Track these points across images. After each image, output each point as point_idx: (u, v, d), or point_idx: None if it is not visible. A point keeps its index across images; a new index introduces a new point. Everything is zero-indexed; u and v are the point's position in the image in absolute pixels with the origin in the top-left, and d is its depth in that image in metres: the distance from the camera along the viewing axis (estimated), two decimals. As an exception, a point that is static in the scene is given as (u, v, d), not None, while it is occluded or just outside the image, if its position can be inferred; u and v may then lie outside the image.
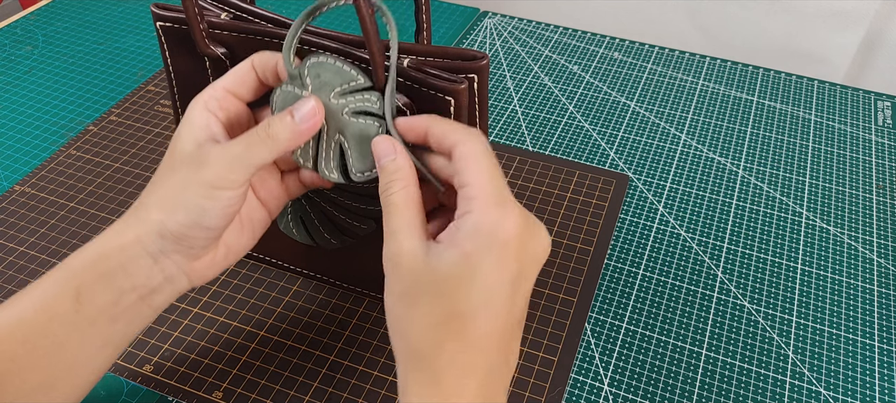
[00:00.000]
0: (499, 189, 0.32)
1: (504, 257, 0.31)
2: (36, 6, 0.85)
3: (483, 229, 0.31)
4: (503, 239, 0.31)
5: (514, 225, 0.31)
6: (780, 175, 0.62)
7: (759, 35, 1.11)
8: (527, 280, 0.33)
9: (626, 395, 0.45)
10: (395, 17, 0.36)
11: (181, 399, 0.45)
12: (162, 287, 0.35)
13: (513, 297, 0.32)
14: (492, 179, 0.32)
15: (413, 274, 0.32)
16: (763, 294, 0.51)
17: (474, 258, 0.31)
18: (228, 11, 0.40)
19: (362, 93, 0.35)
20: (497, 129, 0.66)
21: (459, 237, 0.31)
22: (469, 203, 0.31)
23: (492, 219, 0.31)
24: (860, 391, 0.46)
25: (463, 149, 0.32)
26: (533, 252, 0.32)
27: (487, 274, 0.31)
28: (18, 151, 0.64)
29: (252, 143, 0.34)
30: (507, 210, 0.31)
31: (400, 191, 0.33)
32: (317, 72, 0.36)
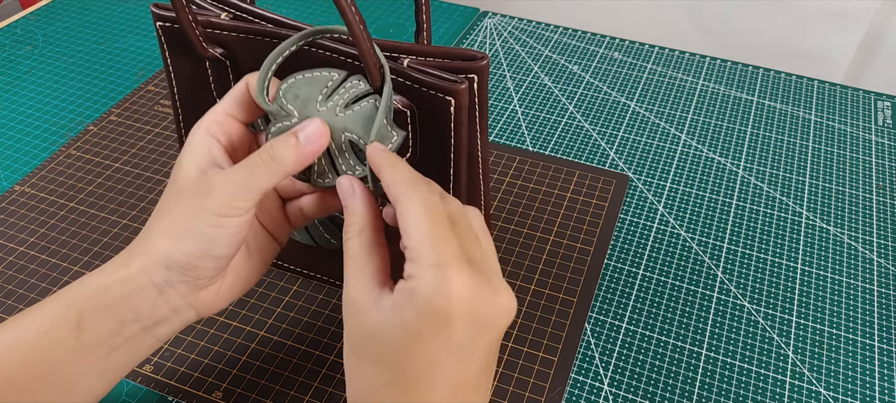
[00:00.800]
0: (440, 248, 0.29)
1: (446, 326, 0.29)
2: (36, 6, 0.85)
3: (422, 296, 0.29)
4: (442, 307, 0.29)
5: (458, 290, 0.29)
6: (780, 175, 0.62)
7: (759, 35, 1.11)
8: (479, 346, 0.30)
9: (626, 395, 0.45)
10: (395, 17, 0.36)
11: (181, 399, 0.45)
12: (167, 318, 0.35)
13: (463, 364, 0.30)
14: (431, 238, 0.29)
15: (360, 329, 0.31)
16: (763, 294, 0.52)
17: (414, 325, 0.29)
18: (228, 11, 0.40)
19: (343, 84, 0.35)
20: (497, 129, 0.66)
21: (401, 301, 0.29)
22: (410, 265, 0.30)
23: (430, 286, 0.29)
24: (860, 391, 0.46)
25: (402, 204, 0.31)
26: (486, 315, 0.30)
27: (427, 342, 0.29)
28: (18, 151, 0.64)
29: (255, 168, 0.33)
30: (448, 273, 0.29)
31: (353, 237, 0.32)
32: (293, 93, 0.35)
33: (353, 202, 0.33)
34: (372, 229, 0.33)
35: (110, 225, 0.56)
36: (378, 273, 0.31)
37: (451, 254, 0.29)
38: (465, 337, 0.30)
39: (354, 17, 0.32)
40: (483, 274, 0.30)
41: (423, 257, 0.29)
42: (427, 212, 0.30)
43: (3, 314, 0.49)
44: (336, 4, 0.31)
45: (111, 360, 0.34)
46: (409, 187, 0.31)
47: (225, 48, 0.40)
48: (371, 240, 0.32)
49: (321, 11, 0.84)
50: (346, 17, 0.32)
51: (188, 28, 0.38)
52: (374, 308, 0.30)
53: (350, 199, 0.33)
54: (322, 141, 0.34)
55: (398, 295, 0.30)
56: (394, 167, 0.32)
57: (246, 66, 0.41)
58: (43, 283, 0.51)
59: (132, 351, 0.35)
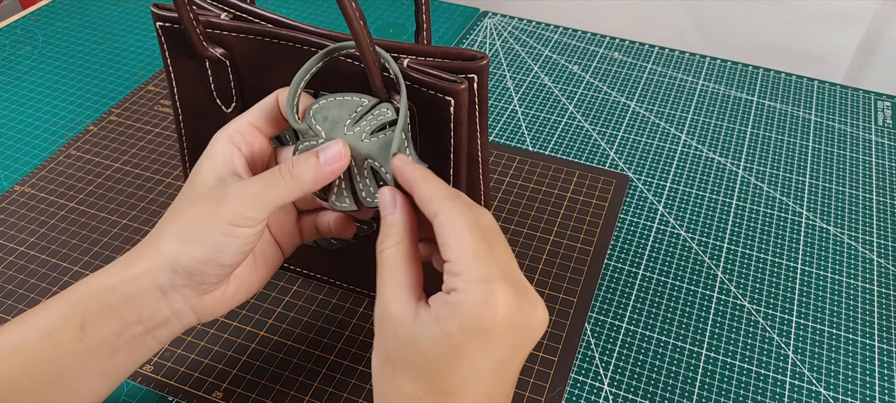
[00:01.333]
0: (484, 263, 0.30)
1: (490, 340, 0.29)
2: (36, 6, 0.85)
3: (467, 310, 0.29)
4: (488, 322, 0.29)
5: (503, 305, 0.29)
6: (780, 175, 0.62)
7: (759, 35, 1.11)
8: (516, 359, 0.31)
9: (626, 395, 0.45)
10: (395, 17, 0.36)
11: (181, 399, 0.45)
12: (168, 321, 0.35)
13: (500, 376, 0.30)
14: (476, 255, 0.30)
15: (396, 341, 0.31)
16: (763, 294, 0.51)
17: (457, 338, 0.29)
18: (228, 11, 0.40)
19: (371, 111, 0.35)
20: (497, 129, 0.66)
21: (444, 313, 0.30)
22: (453, 279, 0.30)
23: (476, 300, 0.29)
24: (860, 391, 0.46)
25: (443, 219, 0.31)
26: (525, 332, 0.31)
27: (471, 356, 0.29)
28: (18, 151, 0.64)
29: (274, 182, 0.33)
30: (494, 288, 0.29)
31: (391, 248, 0.32)
32: (323, 115, 0.35)
33: (394, 214, 0.33)
34: (410, 242, 0.33)
35: (110, 226, 0.56)
36: (414, 286, 0.32)
37: (496, 270, 0.30)
38: (507, 351, 0.30)
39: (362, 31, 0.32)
40: (523, 289, 0.31)
41: (470, 272, 0.29)
42: (470, 228, 0.30)
43: (3, 314, 0.49)
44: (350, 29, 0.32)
45: (114, 361, 0.34)
46: (451, 202, 0.31)
47: (225, 48, 0.40)
48: (408, 253, 0.32)
49: (321, 11, 0.84)
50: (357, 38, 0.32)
51: (189, 26, 0.38)
52: (412, 320, 0.30)
53: (389, 209, 0.33)
54: (341, 163, 0.34)
55: (441, 308, 0.30)
56: (429, 182, 0.32)
57: (246, 66, 0.41)
58: (43, 283, 0.51)
59: (134, 353, 0.35)
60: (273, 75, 0.40)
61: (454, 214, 0.31)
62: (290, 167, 0.34)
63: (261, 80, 0.41)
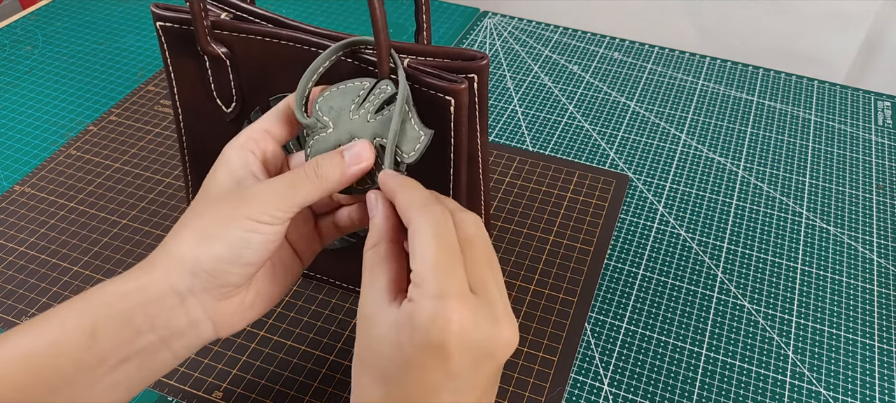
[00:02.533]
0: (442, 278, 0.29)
1: (441, 356, 0.29)
2: (36, 6, 0.85)
3: (418, 324, 0.29)
4: (438, 339, 0.28)
5: (455, 323, 0.28)
6: (780, 175, 0.62)
7: (759, 36, 1.11)
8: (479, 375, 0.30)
9: (626, 395, 0.45)
10: (395, 17, 0.36)
11: (181, 399, 0.45)
12: (185, 331, 0.34)
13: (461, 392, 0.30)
14: (435, 267, 0.29)
15: (367, 340, 0.31)
16: (763, 294, 0.51)
17: (407, 350, 0.29)
18: (228, 11, 0.40)
19: (373, 92, 0.35)
20: (497, 129, 0.66)
21: (400, 322, 0.29)
22: (413, 290, 0.29)
23: (427, 315, 0.28)
24: (860, 391, 0.46)
25: (412, 228, 0.30)
26: (486, 348, 0.29)
27: (422, 370, 0.29)
28: (18, 151, 0.64)
29: (299, 182, 0.33)
30: (448, 304, 0.28)
31: (369, 250, 0.32)
32: (328, 105, 0.35)
33: (375, 215, 0.33)
34: (387, 242, 0.33)
35: (110, 226, 0.56)
36: (390, 285, 0.31)
37: (454, 286, 0.29)
38: (464, 368, 0.29)
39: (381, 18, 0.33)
40: (487, 305, 0.30)
41: (426, 285, 0.29)
42: (436, 238, 0.30)
43: (2, 314, 0.49)
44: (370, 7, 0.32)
45: (123, 371, 0.33)
46: (421, 211, 0.31)
47: (225, 47, 0.40)
48: (386, 253, 0.32)
49: (321, 11, 0.84)
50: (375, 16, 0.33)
51: (198, 17, 0.38)
52: (380, 321, 0.30)
53: (372, 212, 0.34)
54: (367, 162, 0.34)
55: (400, 315, 0.30)
56: (407, 189, 0.32)
57: (246, 65, 0.41)
58: (43, 283, 0.51)
59: (146, 364, 0.34)
60: (273, 75, 0.40)
61: (423, 224, 0.30)
62: (315, 168, 0.34)
63: (261, 80, 0.41)
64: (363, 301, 0.32)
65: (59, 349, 0.32)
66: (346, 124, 0.35)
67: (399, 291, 0.32)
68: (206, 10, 0.39)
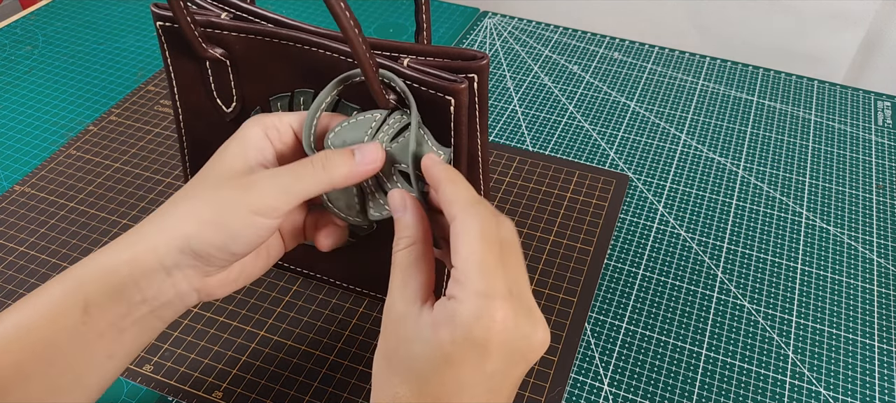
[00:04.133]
0: (487, 277, 0.29)
1: (481, 354, 0.29)
2: (36, 6, 0.85)
3: (462, 321, 0.29)
4: (481, 337, 0.29)
5: (499, 322, 0.29)
6: (780, 175, 0.62)
7: (759, 36, 1.11)
8: (511, 376, 0.31)
9: (626, 395, 0.45)
10: (395, 17, 0.36)
11: (181, 399, 0.45)
12: (172, 301, 0.35)
13: (492, 392, 0.30)
14: (481, 266, 0.29)
15: (397, 340, 0.31)
16: (763, 294, 0.51)
17: (448, 348, 0.29)
18: (228, 11, 0.40)
19: (386, 120, 0.35)
20: (497, 129, 0.66)
21: (440, 320, 0.29)
22: (455, 287, 0.30)
23: (471, 312, 0.29)
24: (860, 391, 0.46)
25: (458, 226, 0.31)
26: (522, 348, 0.30)
27: (461, 367, 0.29)
28: (18, 151, 0.64)
29: (303, 173, 0.33)
30: (493, 304, 0.29)
31: (402, 250, 0.33)
32: (341, 139, 0.35)
33: (405, 216, 0.33)
34: (421, 243, 0.33)
35: (110, 225, 0.56)
36: (422, 287, 0.32)
37: (499, 286, 0.29)
38: (499, 368, 0.30)
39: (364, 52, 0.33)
40: (526, 308, 0.30)
41: (471, 283, 0.29)
42: (482, 238, 0.30)
43: (2, 314, 0.49)
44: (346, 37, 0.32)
45: (119, 343, 0.34)
46: (469, 209, 0.31)
47: (225, 48, 0.40)
48: (419, 254, 0.32)
49: (321, 11, 0.84)
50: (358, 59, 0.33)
51: (187, 29, 0.38)
52: (414, 321, 0.30)
53: (401, 213, 0.34)
54: (377, 163, 0.34)
55: (438, 313, 0.30)
56: (455, 184, 0.32)
57: (246, 65, 0.41)
58: (43, 283, 0.51)
59: (140, 335, 0.34)
60: (273, 75, 0.40)
61: (470, 221, 0.31)
62: (324, 159, 0.34)
63: (261, 80, 0.41)
64: (393, 300, 0.32)
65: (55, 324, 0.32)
66: None
67: (429, 294, 0.32)
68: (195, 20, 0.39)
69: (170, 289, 0.34)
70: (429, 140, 0.35)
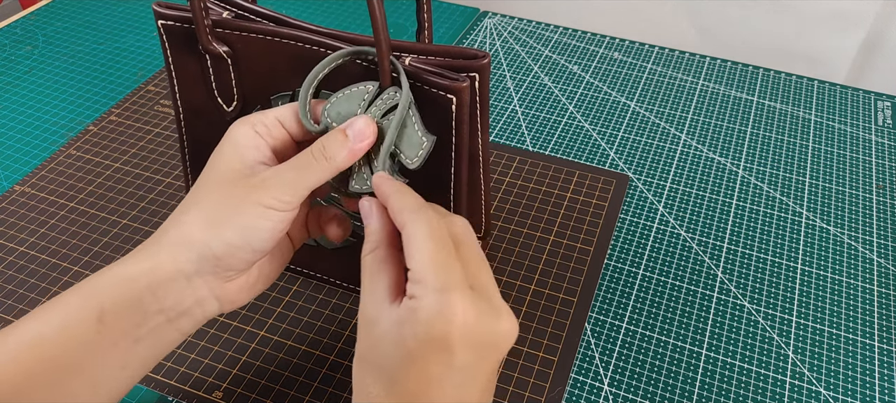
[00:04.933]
0: (442, 274, 0.30)
1: (445, 349, 0.29)
2: (36, 6, 0.85)
3: (421, 318, 0.29)
4: (442, 332, 0.29)
5: (459, 315, 0.29)
6: (780, 175, 0.62)
7: (759, 37, 1.11)
8: (482, 368, 0.31)
9: (626, 395, 0.45)
10: (396, 17, 0.36)
11: (181, 398, 0.45)
12: (191, 310, 0.35)
13: (464, 386, 0.31)
14: (434, 263, 0.30)
15: (368, 341, 0.32)
16: (763, 294, 0.52)
17: (411, 344, 0.30)
18: (230, 10, 0.40)
19: (380, 96, 0.36)
20: (497, 129, 0.66)
21: (403, 318, 0.30)
22: (412, 287, 0.30)
23: (430, 309, 0.29)
24: (860, 391, 0.46)
25: (408, 230, 0.32)
26: (487, 340, 0.31)
27: (425, 363, 0.30)
28: (18, 151, 0.64)
29: (307, 165, 0.34)
30: (451, 297, 0.29)
31: (368, 254, 0.33)
32: (336, 111, 0.36)
33: (371, 221, 0.34)
34: (385, 247, 0.33)
35: (110, 225, 0.56)
36: (390, 288, 0.32)
37: (454, 280, 0.30)
38: (468, 360, 0.30)
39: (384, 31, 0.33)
40: (486, 299, 0.31)
41: (427, 280, 0.30)
42: (432, 237, 0.31)
43: (3, 314, 0.49)
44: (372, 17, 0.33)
45: (134, 353, 0.34)
46: (415, 213, 0.32)
47: (227, 46, 0.40)
48: (384, 256, 0.33)
49: (321, 11, 0.84)
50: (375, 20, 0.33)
51: (198, 16, 0.38)
52: (383, 320, 0.31)
53: (368, 219, 0.34)
54: (370, 138, 0.35)
55: (402, 311, 0.30)
56: (401, 194, 0.33)
57: (247, 64, 0.41)
58: (43, 283, 0.51)
59: (156, 344, 0.34)
60: (274, 74, 0.40)
61: (417, 224, 0.31)
62: (322, 149, 0.34)
63: (262, 79, 0.41)
64: (364, 303, 0.32)
65: (69, 334, 0.32)
66: None
67: (399, 293, 0.32)
68: (206, 8, 0.39)
69: (189, 297, 0.34)
70: (416, 123, 0.35)
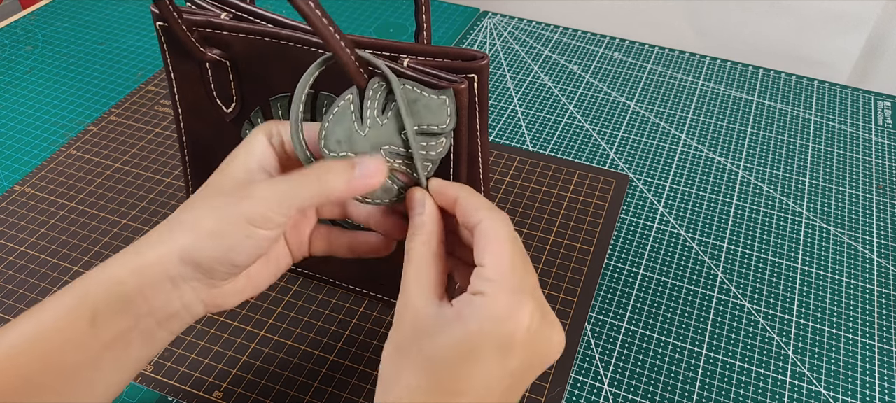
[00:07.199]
0: (518, 276, 0.31)
1: (507, 350, 0.30)
2: (36, 6, 0.85)
3: (492, 314, 0.30)
4: (510, 330, 0.30)
5: (527, 318, 0.30)
6: (780, 175, 0.62)
7: (760, 38, 1.11)
8: (527, 377, 0.31)
9: (626, 395, 0.45)
10: (395, 17, 0.35)
11: (181, 398, 0.45)
12: (179, 312, 0.34)
13: (510, 388, 0.31)
14: (512, 265, 0.31)
15: (414, 332, 0.31)
16: (763, 294, 0.51)
17: (476, 339, 0.30)
18: (228, 11, 0.40)
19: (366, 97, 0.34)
20: (497, 129, 0.66)
21: (467, 313, 0.30)
22: (484, 283, 0.30)
23: (503, 307, 0.30)
24: (860, 391, 0.46)
25: (486, 226, 0.32)
26: (542, 349, 0.31)
27: (485, 361, 0.30)
28: (18, 151, 0.64)
29: (300, 182, 0.33)
30: (523, 300, 0.30)
31: (419, 246, 0.33)
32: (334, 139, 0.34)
33: (423, 212, 0.34)
34: (437, 241, 0.33)
35: (110, 225, 0.56)
36: (438, 284, 0.32)
37: (529, 284, 0.31)
38: (521, 366, 0.30)
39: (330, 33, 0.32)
40: (546, 312, 0.31)
41: (504, 280, 0.30)
42: (511, 239, 0.32)
43: (2, 314, 0.49)
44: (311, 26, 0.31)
45: (128, 354, 0.34)
46: (494, 213, 0.32)
47: (225, 49, 0.40)
48: (435, 252, 0.33)
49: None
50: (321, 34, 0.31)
51: (181, 34, 0.38)
52: (433, 313, 0.31)
53: (420, 209, 0.34)
54: (377, 178, 0.33)
55: (465, 307, 0.30)
56: (473, 193, 0.34)
57: (246, 66, 0.41)
58: (43, 283, 0.51)
59: (147, 345, 0.34)
60: (273, 75, 0.40)
61: (499, 223, 0.32)
62: (322, 172, 0.33)
63: (261, 80, 0.41)
64: (411, 293, 0.32)
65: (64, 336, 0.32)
66: (364, 143, 0.34)
67: (443, 290, 0.32)
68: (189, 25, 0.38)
69: (176, 301, 0.34)
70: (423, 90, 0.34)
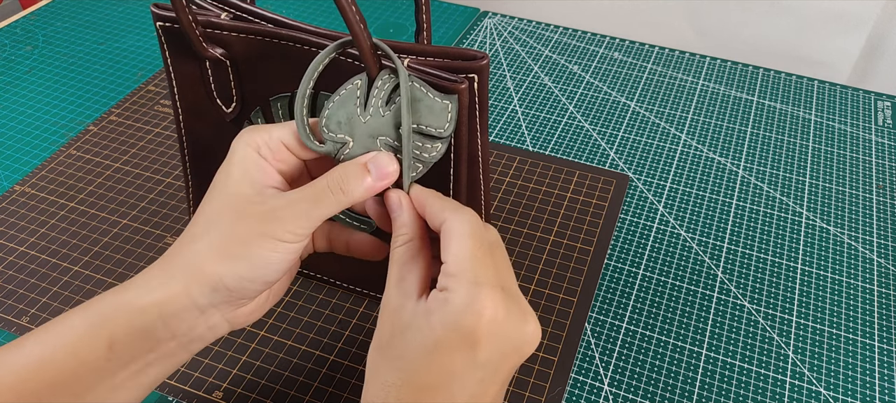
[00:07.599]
0: (479, 268, 0.31)
1: (472, 339, 0.30)
2: (36, 6, 0.85)
3: (451, 308, 0.30)
4: (470, 324, 0.30)
5: (489, 310, 0.30)
6: (780, 175, 0.62)
7: (760, 38, 1.11)
8: (503, 368, 0.31)
9: (626, 395, 0.45)
10: (395, 17, 0.35)
11: (181, 398, 0.45)
12: (203, 334, 0.34)
13: (484, 382, 0.31)
14: (472, 258, 0.31)
15: (390, 330, 0.32)
16: (763, 294, 0.51)
17: (438, 333, 0.30)
18: (228, 11, 0.40)
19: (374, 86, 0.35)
20: (497, 129, 0.66)
21: (432, 308, 0.31)
22: (446, 279, 0.31)
23: (462, 299, 0.30)
24: (860, 391, 0.46)
25: (449, 225, 0.32)
26: (514, 339, 0.31)
27: (450, 354, 0.30)
28: (18, 151, 0.64)
29: (321, 197, 0.33)
30: (483, 291, 0.30)
31: (400, 246, 0.34)
32: (335, 121, 0.34)
33: (401, 214, 0.34)
34: (418, 240, 0.34)
35: (110, 225, 0.56)
36: (419, 282, 0.33)
37: (489, 276, 0.31)
38: (491, 358, 0.31)
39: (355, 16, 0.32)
40: (515, 301, 0.32)
41: (463, 273, 0.30)
42: (472, 235, 0.32)
43: (2, 314, 0.49)
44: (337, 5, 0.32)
45: (145, 375, 0.34)
46: (457, 212, 0.33)
47: (225, 48, 0.40)
48: (416, 250, 0.33)
49: (321, 11, 0.84)
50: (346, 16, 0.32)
51: (188, 28, 0.38)
52: (409, 311, 0.31)
53: (398, 212, 0.34)
54: (393, 177, 0.34)
55: (431, 302, 0.31)
56: (440, 197, 0.34)
57: (246, 66, 0.41)
58: (43, 283, 0.51)
59: (166, 365, 0.34)
60: (273, 75, 0.40)
61: (460, 220, 0.32)
62: (341, 183, 0.33)
63: (261, 80, 0.41)
64: (391, 293, 0.33)
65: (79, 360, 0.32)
66: (363, 128, 0.34)
67: (425, 289, 0.33)
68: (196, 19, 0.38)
69: (202, 324, 0.34)
70: (429, 91, 0.34)
